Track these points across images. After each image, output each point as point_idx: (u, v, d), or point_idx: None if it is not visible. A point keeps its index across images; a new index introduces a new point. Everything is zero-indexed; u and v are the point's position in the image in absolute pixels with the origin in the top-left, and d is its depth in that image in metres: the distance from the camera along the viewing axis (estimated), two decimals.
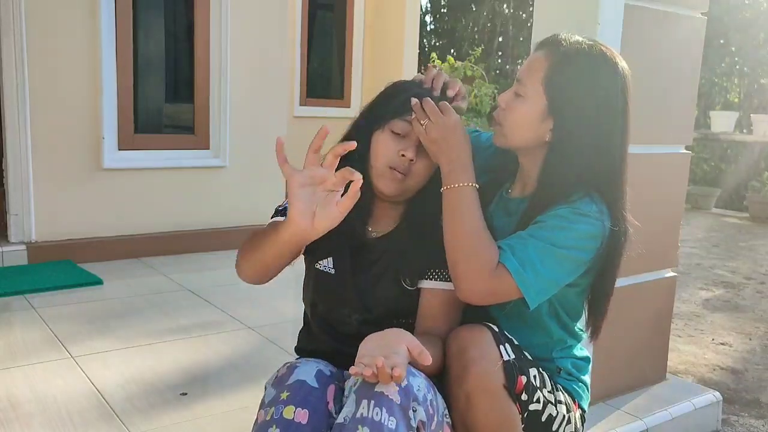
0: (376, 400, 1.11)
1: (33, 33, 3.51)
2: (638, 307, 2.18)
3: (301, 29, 6.41)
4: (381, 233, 1.40)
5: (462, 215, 1.30)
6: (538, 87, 1.34)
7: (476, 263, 1.26)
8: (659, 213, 2.17)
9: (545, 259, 1.27)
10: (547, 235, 1.28)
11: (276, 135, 1.41)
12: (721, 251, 5.78)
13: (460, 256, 1.28)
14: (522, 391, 1.26)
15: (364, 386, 1.14)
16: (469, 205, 1.30)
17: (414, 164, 1.33)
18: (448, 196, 1.31)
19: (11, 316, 2.85)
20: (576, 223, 1.28)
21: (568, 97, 1.32)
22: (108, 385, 2.17)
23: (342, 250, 1.38)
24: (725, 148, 9.23)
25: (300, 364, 1.27)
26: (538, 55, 1.37)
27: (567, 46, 1.34)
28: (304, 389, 1.20)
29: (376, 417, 1.10)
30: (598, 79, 1.33)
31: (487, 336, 1.26)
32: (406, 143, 1.33)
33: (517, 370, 1.25)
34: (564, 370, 1.44)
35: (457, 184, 1.31)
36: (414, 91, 1.36)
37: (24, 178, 3.58)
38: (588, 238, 1.29)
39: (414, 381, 1.15)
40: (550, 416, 1.32)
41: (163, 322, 2.85)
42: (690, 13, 2.10)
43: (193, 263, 3.88)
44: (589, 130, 1.32)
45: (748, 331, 3.59)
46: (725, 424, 2.40)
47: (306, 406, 1.18)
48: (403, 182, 1.33)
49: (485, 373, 1.22)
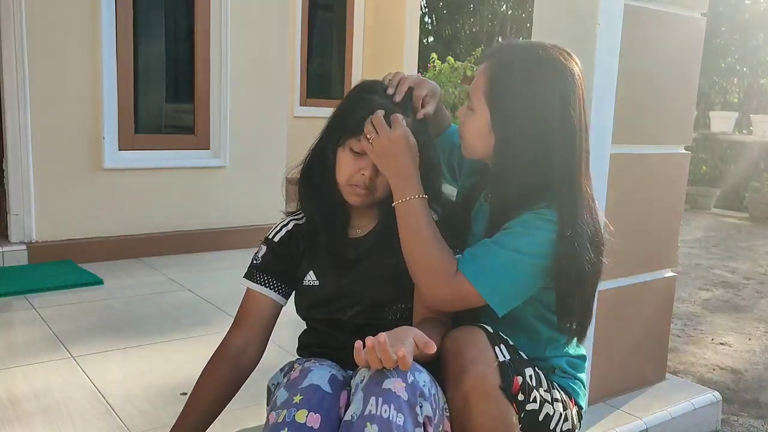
0: (384, 397, 1.12)
1: (33, 33, 3.51)
2: (638, 307, 2.18)
3: (301, 29, 6.41)
4: (363, 230, 1.45)
5: (411, 228, 1.33)
6: (481, 100, 1.35)
7: (432, 272, 1.30)
8: (659, 213, 2.17)
9: (508, 266, 1.28)
10: (509, 241, 1.29)
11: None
12: (721, 251, 5.79)
13: (417, 267, 1.32)
14: (518, 392, 1.27)
15: (371, 383, 1.15)
16: (417, 217, 1.33)
17: (376, 179, 1.36)
18: (398, 211, 1.34)
19: (11, 316, 2.85)
20: (539, 230, 1.29)
21: (506, 108, 1.32)
22: (108, 385, 2.17)
23: (321, 261, 1.44)
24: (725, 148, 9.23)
25: (314, 368, 1.27)
26: (482, 66, 1.39)
27: (505, 55, 1.35)
28: (318, 394, 1.21)
29: (385, 414, 1.10)
30: (534, 86, 1.30)
31: (482, 337, 1.27)
32: (364, 161, 1.35)
33: (513, 371, 1.26)
34: (559, 369, 1.44)
35: (404, 198, 1.33)
36: (372, 101, 1.36)
37: (24, 178, 3.59)
38: (551, 244, 1.29)
39: (420, 377, 1.16)
40: (547, 415, 1.33)
41: (163, 321, 2.85)
42: (690, 13, 2.11)
43: (193, 263, 3.88)
44: (528, 140, 1.31)
45: (747, 331, 3.59)
46: (725, 424, 2.40)
47: (319, 411, 1.18)
48: (367, 196, 1.37)
49: (481, 374, 1.23)
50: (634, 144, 2.04)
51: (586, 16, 1.81)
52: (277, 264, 1.46)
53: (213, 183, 4.21)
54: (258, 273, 1.45)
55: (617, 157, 1.94)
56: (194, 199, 4.14)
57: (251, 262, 1.48)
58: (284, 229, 1.48)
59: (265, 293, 1.44)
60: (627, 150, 2.00)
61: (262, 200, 4.19)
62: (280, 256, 1.46)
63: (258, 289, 1.44)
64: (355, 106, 1.38)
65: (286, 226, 1.49)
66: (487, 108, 1.33)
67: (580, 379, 1.49)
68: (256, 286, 1.45)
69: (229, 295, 3.21)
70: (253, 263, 1.47)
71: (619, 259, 2.03)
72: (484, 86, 1.34)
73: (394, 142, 1.30)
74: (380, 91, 1.38)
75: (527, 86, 1.30)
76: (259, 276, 1.45)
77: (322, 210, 1.43)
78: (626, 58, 1.90)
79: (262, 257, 1.47)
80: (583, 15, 1.82)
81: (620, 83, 1.89)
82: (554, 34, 1.91)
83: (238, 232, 4.15)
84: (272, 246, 1.47)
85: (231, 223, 4.22)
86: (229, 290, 3.30)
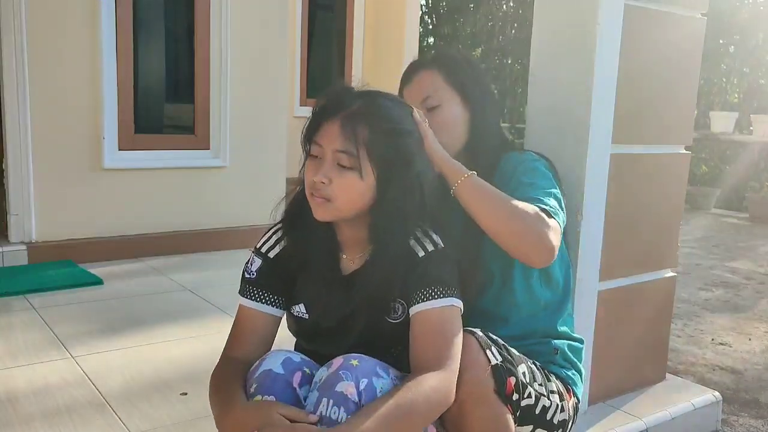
0: (335, 399, 1.13)
1: (33, 33, 3.51)
2: (638, 307, 2.18)
3: (301, 29, 6.41)
4: (356, 261, 1.35)
5: (486, 201, 1.35)
6: (447, 90, 1.57)
7: (535, 228, 1.31)
8: (659, 213, 2.17)
9: (561, 201, 1.44)
10: (540, 182, 1.45)
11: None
12: (721, 251, 5.78)
13: (518, 232, 1.32)
14: (512, 392, 1.28)
15: (326, 384, 1.16)
16: (483, 190, 1.36)
17: (332, 184, 1.23)
18: (461, 193, 1.36)
19: (11, 316, 2.85)
20: (541, 167, 1.50)
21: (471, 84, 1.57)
22: (108, 385, 2.17)
23: (312, 296, 1.36)
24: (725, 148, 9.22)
25: (269, 355, 1.27)
26: (424, 73, 1.57)
27: (442, 58, 1.59)
28: (269, 377, 1.21)
29: (334, 415, 1.12)
30: (475, 66, 1.61)
31: (473, 343, 1.27)
32: (317, 164, 1.25)
33: (506, 372, 1.27)
34: (561, 352, 1.47)
35: (458, 181, 1.36)
36: (326, 97, 1.29)
37: (24, 178, 3.59)
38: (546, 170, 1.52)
39: (377, 382, 1.17)
40: (543, 407, 1.35)
41: (163, 322, 2.85)
42: (690, 13, 2.10)
43: (193, 263, 3.88)
44: (490, 102, 1.60)
45: (747, 331, 3.59)
46: (725, 424, 2.40)
47: (271, 392, 1.19)
48: (328, 206, 1.25)
49: (475, 380, 1.23)
50: (634, 144, 2.03)
51: (586, 16, 1.81)
52: (273, 279, 1.38)
53: (213, 183, 4.21)
54: (253, 288, 1.38)
55: (617, 157, 1.94)
56: (194, 199, 4.14)
57: (243, 275, 1.40)
58: (278, 245, 1.39)
59: (262, 309, 1.37)
60: (627, 150, 1.99)
61: (262, 200, 4.16)
62: (275, 271, 1.38)
63: (254, 306, 1.37)
64: (312, 116, 1.30)
65: (280, 242, 1.39)
66: (456, 92, 1.52)
67: (579, 368, 1.52)
68: (252, 303, 1.37)
69: (229, 296, 3.21)
70: (245, 277, 1.39)
71: (619, 259, 2.04)
72: (441, 77, 1.53)
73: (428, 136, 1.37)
74: (337, 88, 1.31)
75: (473, 69, 1.58)
76: (253, 291, 1.38)
77: (310, 249, 1.34)
78: (626, 58, 1.90)
79: (257, 271, 1.38)
80: (583, 15, 1.82)
81: (620, 83, 1.89)
82: (554, 33, 1.91)
83: (238, 232, 4.15)
84: (267, 261, 1.38)
85: (231, 223, 4.22)
86: (229, 290, 3.29)
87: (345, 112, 1.24)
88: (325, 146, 1.24)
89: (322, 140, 1.25)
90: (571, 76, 1.85)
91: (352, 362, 1.18)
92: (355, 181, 1.23)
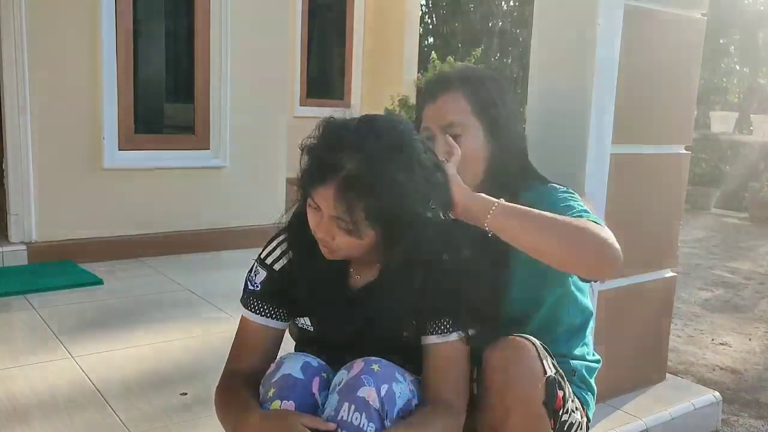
0: (357, 405, 1.13)
1: (33, 33, 3.51)
2: (638, 307, 2.18)
3: (301, 29, 6.41)
4: (365, 279, 1.33)
5: (526, 225, 1.22)
6: (470, 118, 1.48)
7: (597, 235, 1.19)
8: (659, 213, 2.17)
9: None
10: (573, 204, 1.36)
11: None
12: (721, 251, 5.78)
13: (578, 242, 1.19)
14: (560, 407, 1.26)
15: (347, 388, 1.16)
16: (515, 214, 1.23)
17: (335, 240, 1.20)
18: (494, 226, 1.23)
19: (11, 316, 2.85)
20: (572, 199, 1.39)
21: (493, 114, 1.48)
22: (108, 385, 2.17)
23: (319, 310, 1.33)
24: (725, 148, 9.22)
25: (286, 359, 1.26)
26: (449, 95, 1.49)
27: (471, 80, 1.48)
28: (289, 382, 1.20)
29: (356, 421, 1.13)
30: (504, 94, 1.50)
31: (531, 351, 1.24)
32: (317, 216, 1.20)
33: (558, 386, 1.25)
34: (578, 374, 1.45)
35: (488, 213, 1.24)
36: (320, 146, 1.20)
37: (24, 178, 3.59)
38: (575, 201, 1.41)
39: (397, 387, 1.17)
40: (571, 424, 1.34)
41: (163, 322, 2.85)
42: (690, 13, 2.10)
43: (193, 263, 3.88)
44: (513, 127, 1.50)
45: (747, 331, 3.59)
46: (725, 424, 2.40)
47: (291, 398, 1.18)
48: (335, 254, 1.23)
49: (529, 390, 1.22)
50: (634, 144, 2.03)
51: (586, 15, 1.81)
52: (278, 293, 1.34)
53: (213, 183, 4.21)
54: (257, 301, 1.34)
55: (617, 157, 1.94)
56: (194, 199, 4.14)
57: (246, 285, 1.35)
58: (284, 257, 1.34)
59: (266, 323, 1.34)
60: (627, 150, 1.99)
61: (262, 200, 4.19)
62: (280, 285, 1.33)
63: (258, 320, 1.33)
64: (308, 161, 1.22)
65: (285, 254, 1.34)
66: (481, 122, 1.44)
67: (593, 389, 1.51)
68: (255, 316, 1.33)
69: (229, 296, 3.21)
70: (249, 288, 1.35)
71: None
72: (469, 106, 1.44)
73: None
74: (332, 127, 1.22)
75: (502, 95, 1.48)
76: (257, 305, 1.34)
77: (317, 268, 1.30)
78: (626, 58, 1.90)
79: (261, 284, 1.33)
80: (583, 15, 1.82)
81: (620, 83, 1.89)
82: (554, 33, 1.91)
83: (238, 232, 4.15)
84: (273, 274, 1.34)
85: (231, 223, 4.22)
86: (229, 290, 3.29)
87: (338, 177, 1.14)
88: (321, 208, 1.19)
89: (319, 202, 1.18)
90: (571, 76, 1.85)
91: (373, 367, 1.18)
92: (355, 240, 1.19)
